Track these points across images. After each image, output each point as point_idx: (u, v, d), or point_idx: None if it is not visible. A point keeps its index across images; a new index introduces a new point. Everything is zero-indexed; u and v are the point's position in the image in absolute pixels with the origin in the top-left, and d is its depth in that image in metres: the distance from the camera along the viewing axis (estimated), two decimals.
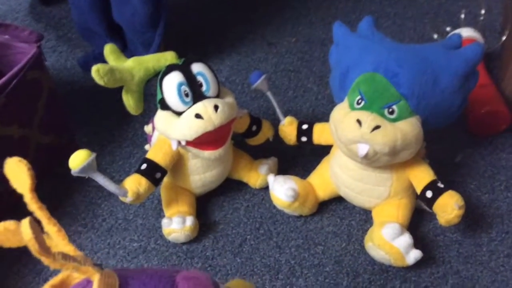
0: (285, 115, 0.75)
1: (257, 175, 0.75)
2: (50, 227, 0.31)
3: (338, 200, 0.74)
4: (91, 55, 1.02)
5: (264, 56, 1.07)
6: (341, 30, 0.69)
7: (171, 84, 0.62)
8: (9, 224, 0.30)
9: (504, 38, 0.98)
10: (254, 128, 0.74)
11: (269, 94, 0.73)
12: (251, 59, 1.06)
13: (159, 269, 0.35)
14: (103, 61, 0.64)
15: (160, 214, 0.74)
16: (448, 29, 0.97)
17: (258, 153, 0.79)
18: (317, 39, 1.08)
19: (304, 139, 0.74)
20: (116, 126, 0.88)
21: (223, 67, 1.04)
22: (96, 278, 0.29)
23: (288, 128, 0.74)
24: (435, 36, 0.98)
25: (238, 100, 0.96)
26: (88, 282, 0.31)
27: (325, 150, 0.74)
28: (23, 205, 0.32)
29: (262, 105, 0.93)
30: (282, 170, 0.79)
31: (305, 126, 0.74)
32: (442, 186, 0.63)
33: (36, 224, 0.28)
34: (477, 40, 0.94)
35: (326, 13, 1.13)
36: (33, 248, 0.27)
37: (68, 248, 0.31)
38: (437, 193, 0.62)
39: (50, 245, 0.29)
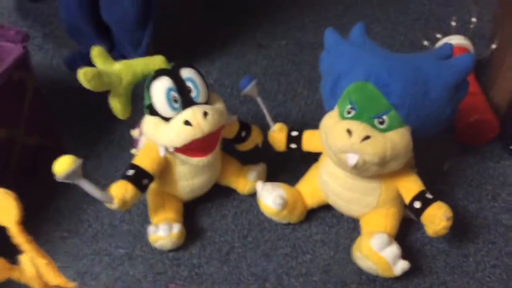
0: (275, 120, 0.74)
1: (245, 181, 0.74)
2: (39, 259, 0.29)
3: (326, 208, 0.74)
4: (78, 54, 1.00)
5: (254, 59, 1.06)
6: (332, 37, 0.68)
7: (160, 90, 0.60)
8: None
9: (494, 46, 0.98)
10: (243, 134, 0.74)
11: (259, 99, 0.73)
12: (241, 62, 1.05)
13: None
14: (90, 60, 0.62)
15: (146, 220, 0.73)
16: (438, 36, 0.97)
17: (246, 159, 0.78)
18: (307, 42, 1.08)
19: (293, 146, 0.73)
20: (103, 128, 0.87)
21: (212, 69, 1.03)
22: None
23: (278, 135, 0.74)
24: (425, 42, 0.98)
25: (227, 103, 0.94)
26: None
27: (315, 156, 0.74)
28: None
29: (251, 109, 0.92)
30: (271, 176, 0.78)
31: (294, 133, 0.73)
32: (430, 197, 0.63)
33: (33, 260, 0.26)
34: (467, 48, 0.95)
35: (317, 16, 1.13)
36: (37, 285, 0.25)
37: (60, 280, 0.29)
38: (426, 204, 0.62)
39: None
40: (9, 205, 0.30)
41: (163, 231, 0.66)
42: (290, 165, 0.81)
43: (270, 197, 0.68)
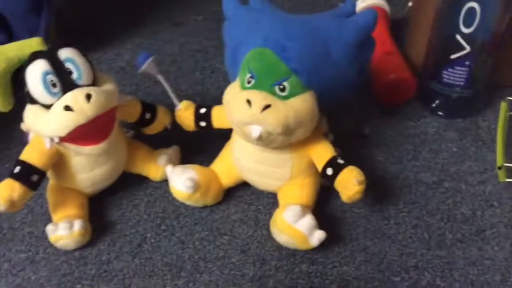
0: (194, 99, 0.70)
1: (156, 166, 0.69)
2: None
3: (245, 185, 0.70)
4: None
5: (169, 37, 1.01)
6: (230, 3, 0.64)
7: (35, 74, 0.54)
8: None
9: (410, 4, 0.97)
10: (148, 115, 0.68)
11: (160, 77, 0.68)
12: (155, 41, 1.00)
13: None
14: None
15: (50, 220, 0.66)
16: None
17: (162, 142, 0.73)
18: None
19: (203, 124, 0.69)
20: (1, 125, 0.79)
21: (124, 51, 0.97)
22: None
23: (184, 113, 0.69)
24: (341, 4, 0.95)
25: (141, 85, 0.90)
26: None
27: (231, 133, 0.70)
28: None
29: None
30: (187, 158, 0.73)
31: (203, 110, 0.69)
32: (342, 162, 0.60)
33: None
34: (382, 7, 0.93)
35: None
36: None
37: None
38: (337, 169, 0.59)
39: None
40: None
41: (63, 230, 0.60)
42: (208, 145, 0.76)
43: (180, 180, 0.64)
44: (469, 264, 0.60)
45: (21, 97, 0.58)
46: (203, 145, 0.76)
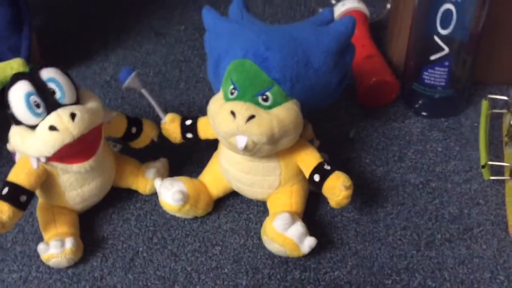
0: (179, 109, 0.70)
1: (145, 180, 0.70)
2: None
3: (235, 194, 0.70)
4: None
5: (152, 48, 1.01)
6: (210, 15, 0.64)
7: (18, 96, 0.54)
8: None
9: (388, 6, 0.98)
10: (133, 130, 0.69)
11: (144, 91, 0.68)
12: (138, 53, 1.00)
13: None
14: None
15: (41, 238, 0.66)
16: (333, 1, 0.96)
17: (149, 155, 0.73)
18: None
19: (189, 135, 0.69)
20: None
21: (107, 64, 0.97)
22: None
23: (171, 126, 0.69)
24: (320, 10, 0.96)
25: (126, 99, 0.90)
26: None
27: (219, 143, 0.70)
28: None
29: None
30: (176, 170, 0.74)
31: (188, 122, 0.69)
32: (328, 168, 0.61)
33: None
34: (362, 10, 0.94)
35: None
36: None
37: None
38: (324, 176, 0.60)
39: None
40: None
41: (54, 249, 0.60)
42: (196, 156, 0.77)
43: (169, 194, 0.64)
44: (459, 264, 0.61)
45: (5, 116, 0.58)
46: (191, 156, 0.77)
